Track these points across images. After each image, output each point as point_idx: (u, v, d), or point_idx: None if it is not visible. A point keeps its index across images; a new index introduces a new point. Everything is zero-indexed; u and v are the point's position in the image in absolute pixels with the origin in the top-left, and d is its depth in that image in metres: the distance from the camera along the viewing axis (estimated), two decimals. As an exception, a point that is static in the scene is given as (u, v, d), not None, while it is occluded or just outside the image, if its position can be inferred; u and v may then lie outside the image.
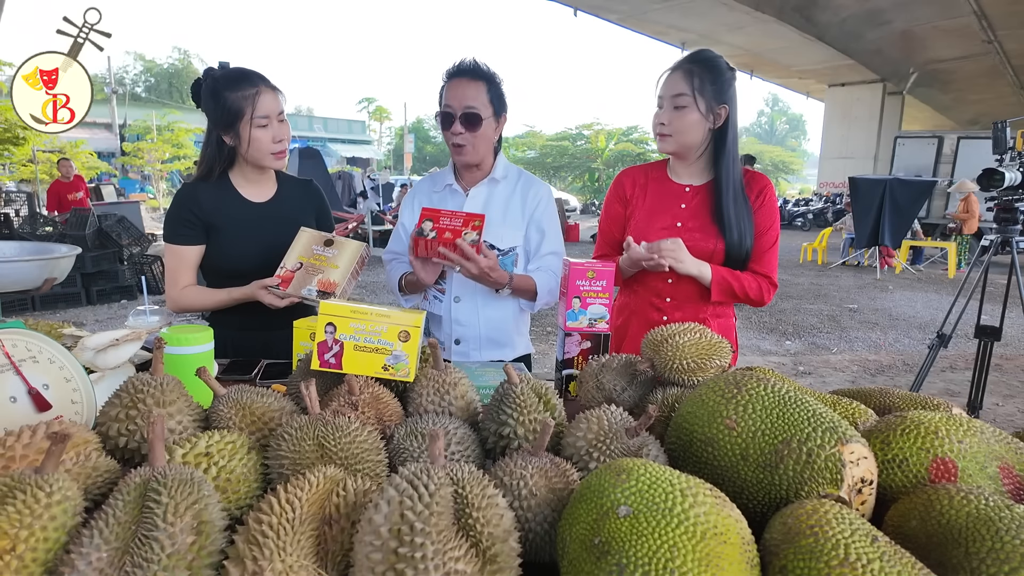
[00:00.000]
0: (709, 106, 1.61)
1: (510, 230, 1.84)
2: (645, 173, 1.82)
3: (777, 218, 1.75)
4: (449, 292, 1.85)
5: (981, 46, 16.60)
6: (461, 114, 1.71)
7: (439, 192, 1.90)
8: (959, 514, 0.66)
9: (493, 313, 1.86)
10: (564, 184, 34.13)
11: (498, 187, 1.86)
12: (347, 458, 0.79)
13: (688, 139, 1.65)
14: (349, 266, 1.61)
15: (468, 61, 1.76)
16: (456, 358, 1.86)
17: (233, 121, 1.67)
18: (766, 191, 1.73)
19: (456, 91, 1.72)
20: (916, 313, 7.75)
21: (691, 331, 1.14)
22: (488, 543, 0.62)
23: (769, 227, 1.72)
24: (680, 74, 1.61)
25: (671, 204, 1.73)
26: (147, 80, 45.85)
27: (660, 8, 15.45)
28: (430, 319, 1.91)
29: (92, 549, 0.59)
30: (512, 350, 1.93)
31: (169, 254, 1.77)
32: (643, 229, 1.73)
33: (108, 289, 7.44)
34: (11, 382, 0.90)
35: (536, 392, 0.97)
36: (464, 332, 1.86)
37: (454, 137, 1.74)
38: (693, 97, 1.60)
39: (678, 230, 1.70)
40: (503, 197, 1.86)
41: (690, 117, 1.62)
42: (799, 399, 0.81)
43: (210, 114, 1.70)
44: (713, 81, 1.60)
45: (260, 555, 0.59)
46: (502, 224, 1.83)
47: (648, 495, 0.62)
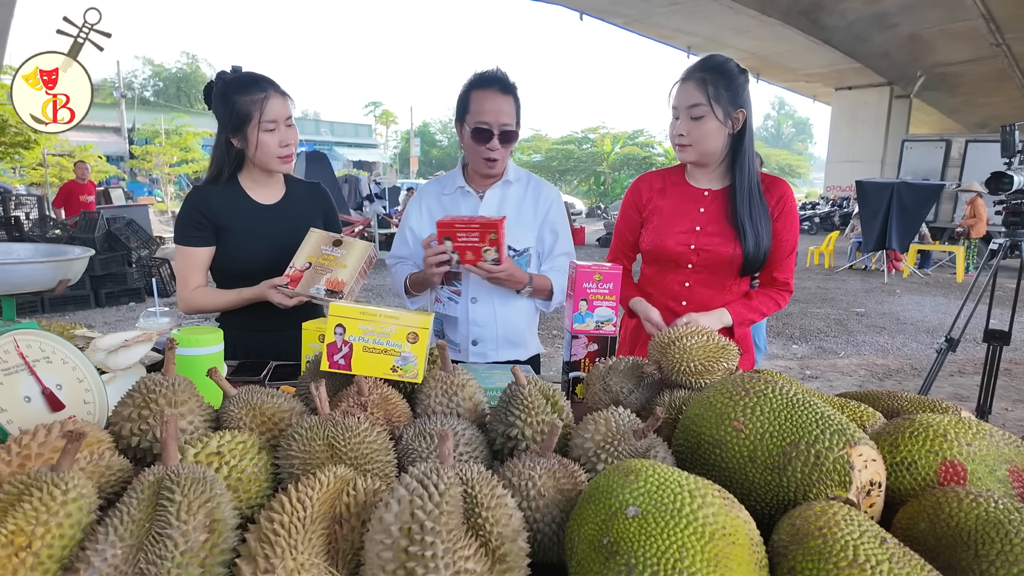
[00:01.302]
0: (726, 112, 1.60)
1: (524, 231, 1.86)
2: (663, 178, 1.82)
3: (796, 225, 1.75)
4: (466, 293, 1.87)
5: (989, 49, 16.52)
6: (500, 132, 1.74)
7: (450, 195, 1.91)
8: (968, 516, 0.66)
9: (509, 313, 1.89)
10: (570, 188, 34.15)
11: (511, 189, 1.89)
12: (357, 458, 0.79)
13: (708, 147, 1.65)
14: (357, 266, 1.63)
15: (498, 72, 1.77)
16: (474, 359, 1.88)
17: (241, 124, 1.69)
18: (786, 198, 1.73)
19: (490, 105, 1.73)
20: (924, 317, 7.70)
21: (698, 334, 1.14)
22: (497, 543, 0.62)
23: (788, 233, 1.72)
24: (694, 84, 1.60)
25: (690, 208, 1.73)
26: (156, 84, 46.20)
27: (666, 12, 15.46)
28: (444, 321, 1.92)
29: (107, 546, 0.60)
30: (526, 350, 1.95)
31: (180, 256, 1.79)
32: (662, 233, 1.73)
33: (116, 292, 7.50)
34: (25, 382, 0.92)
35: (544, 394, 0.97)
36: (481, 333, 1.88)
37: (490, 152, 1.76)
38: (710, 106, 1.59)
39: (697, 234, 1.70)
40: (516, 199, 1.89)
41: (709, 126, 1.61)
42: (807, 401, 0.81)
43: (220, 117, 1.72)
44: (727, 87, 1.59)
45: (272, 553, 0.60)
46: (516, 225, 1.86)
47: (657, 496, 0.63)
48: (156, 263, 8.12)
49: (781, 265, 1.73)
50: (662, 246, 1.72)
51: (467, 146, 1.81)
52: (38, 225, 8.42)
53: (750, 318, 1.71)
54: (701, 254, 1.70)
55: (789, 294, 1.75)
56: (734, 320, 1.68)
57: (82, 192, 9.91)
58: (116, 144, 26.55)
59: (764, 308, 1.73)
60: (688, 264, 1.72)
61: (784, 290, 1.75)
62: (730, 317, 1.68)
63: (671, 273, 1.75)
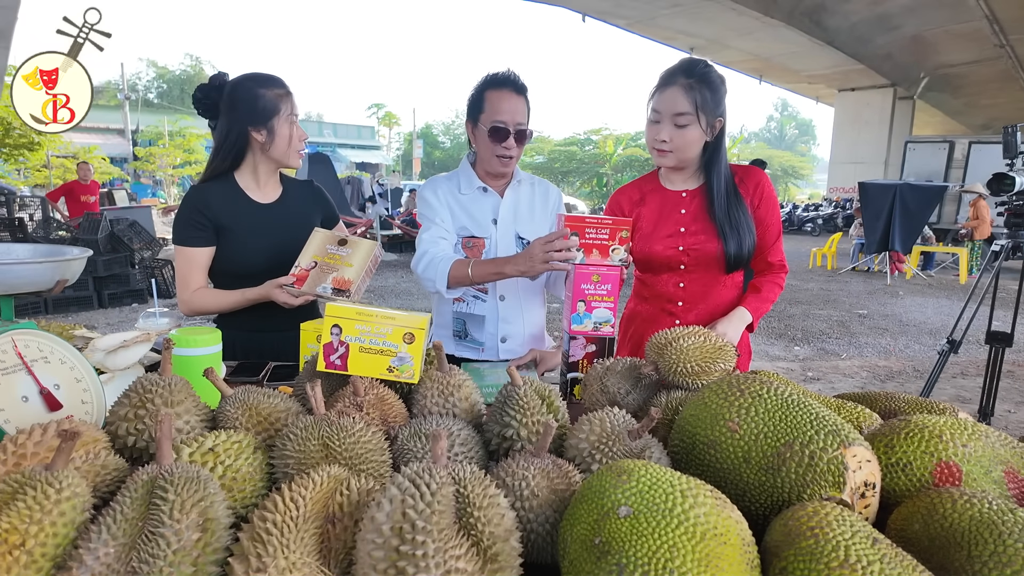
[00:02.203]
0: (709, 122, 1.63)
1: (539, 229, 1.89)
2: (639, 188, 1.84)
3: (777, 208, 1.78)
4: (494, 291, 1.88)
5: (993, 50, 16.46)
6: (516, 131, 1.77)
7: (469, 194, 1.90)
8: (962, 517, 0.66)
9: (535, 311, 1.95)
10: (572, 189, 34.14)
11: (522, 188, 1.93)
12: (351, 458, 0.79)
13: (688, 155, 1.67)
14: (363, 265, 1.63)
15: (511, 73, 1.80)
16: (504, 356, 1.89)
17: (269, 117, 1.72)
18: (762, 184, 1.74)
19: (506, 105, 1.76)
20: (927, 319, 7.68)
21: (695, 334, 1.14)
22: (489, 542, 0.62)
23: (772, 218, 1.75)
24: (681, 91, 1.59)
25: (671, 212, 1.75)
26: (159, 86, 46.36)
27: (668, 13, 15.44)
28: (468, 320, 1.91)
29: (100, 544, 0.60)
30: (544, 345, 1.99)
31: (179, 257, 1.78)
32: (649, 240, 1.74)
33: (119, 292, 7.52)
34: (23, 382, 0.92)
35: (539, 394, 0.97)
36: (510, 330, 1.90)
37: (506, 151, 1.79)
38: (696, 116, 1.59)
39: (683, 235, 1.71)
40: (528, 198, 1.94)
41: (692, 135, 1.62)
42: (802, 402, 0.81)
43: (240, 110, 1.72)
44: (712, 96, 1.61)
45: (264, 552, 0.60)
46: (530, 221, 1.91)
47: (648, 496, 0.63)
48: (159, 264, 8.15)
49: (772, 248, 1.76)
50: (651, 252, 1.73)
51: (481, 145, 1.82)
52: (42, 227, 8.45)
53: (765, 309, 1.75)
54: (691, 254, 1.71)
55: (786, 272, 1.80)
56: (753, 316, 1.71)
57: (84, 192, 9.93)
58: (120, 146, 26.66)
59: (772, 295, 1.77)
60: (680, 265, 1.73)
61: (780, 271, 1.79)
62: (749, 314, 1.70)
63: (664, 276, 1.76)
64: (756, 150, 52.49)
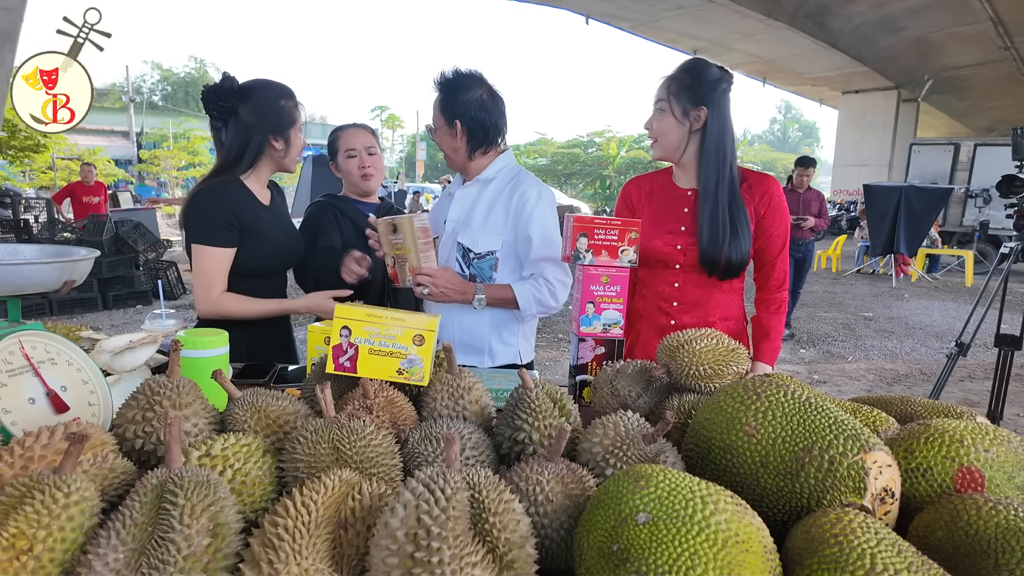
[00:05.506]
0: (684, 109, 1.65)
1: (487, 234, 1.79)
2: (651, 180, 1.85)
3: (786, 220, 1.74)
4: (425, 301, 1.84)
5: (997, 52, 16.41)
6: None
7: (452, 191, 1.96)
8: (988, 525, 0.64)
9: (465, 316, 1.82)
10: (575, 191, 34.12)
11: (487, 188, 1.83)
12: (362, 462, 0.78)
13: (667, 141, 1.71)
14: (415, 244, 1.61)
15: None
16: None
17: (288, 127, 1.78)
18: (771, 194, 1.70)
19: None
20: (933, 322, 7.64)
21: (707, 337, 1.12)
22: (505, 548, 0.61)
23: (778, 229, 1.71)
24: (663, 81, 1.70)
25: (675, 208, 1.75)
26: (164, 89, 46.55)
27: (672, 16, 15.43)
28: None
29: (109, 550, 0.59)
30: (490, 358, 1.85)
31: (205, 257, 1.70)
32: (650, 235, 1.73)
33: (124, 294, 7.53)
34: (30, 383, 0.91)
35: (551, 397, 0.96)
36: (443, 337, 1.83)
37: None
38: (668, 101, 1.67)
39: (682, 234, 1.71)
40: (489, 199, 1.82)
41: (666, 121, 1.68)
42: (820, 405, 0.79)
43: (265, 120, 1.73)
44: (689, 85, 1.64)
45: (276, 558, 0.59)
46: (481, 228, 1.80)
47: (668, 502, 0.61)
48: (163, 266, 8.15)
49: (775, 262, 1.74)
50: (650, 247, 1.71)
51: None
52: (47, 228, 8.48)
53: (778, 348, 1.76)
54: (687, 253, 1.69)
55: (787, 292, 1.79)
56: (771, 362, 1.74)
57: (86, 193, 9.94)
58: (124, 148, 26.77)
59: (780, 326, 1.77)
60: (676, 264, 1.72)
61: (782, 290, 1.76)
62: (770, 367, 1.73)
63: (661, 274, 1.75)
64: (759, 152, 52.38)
